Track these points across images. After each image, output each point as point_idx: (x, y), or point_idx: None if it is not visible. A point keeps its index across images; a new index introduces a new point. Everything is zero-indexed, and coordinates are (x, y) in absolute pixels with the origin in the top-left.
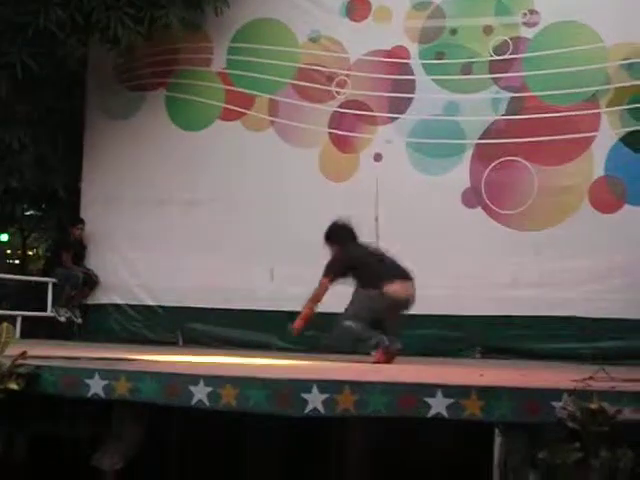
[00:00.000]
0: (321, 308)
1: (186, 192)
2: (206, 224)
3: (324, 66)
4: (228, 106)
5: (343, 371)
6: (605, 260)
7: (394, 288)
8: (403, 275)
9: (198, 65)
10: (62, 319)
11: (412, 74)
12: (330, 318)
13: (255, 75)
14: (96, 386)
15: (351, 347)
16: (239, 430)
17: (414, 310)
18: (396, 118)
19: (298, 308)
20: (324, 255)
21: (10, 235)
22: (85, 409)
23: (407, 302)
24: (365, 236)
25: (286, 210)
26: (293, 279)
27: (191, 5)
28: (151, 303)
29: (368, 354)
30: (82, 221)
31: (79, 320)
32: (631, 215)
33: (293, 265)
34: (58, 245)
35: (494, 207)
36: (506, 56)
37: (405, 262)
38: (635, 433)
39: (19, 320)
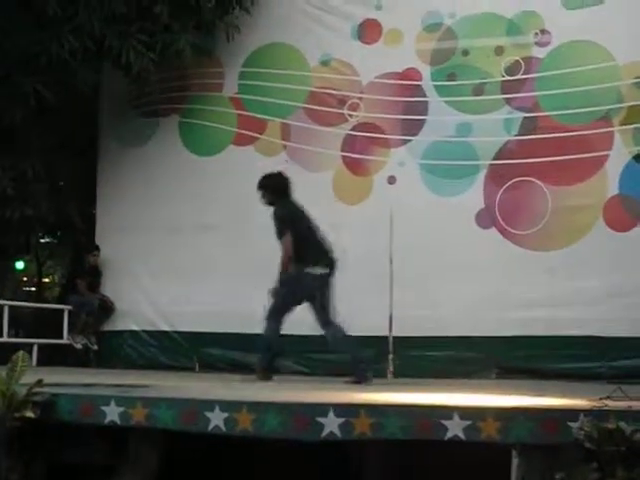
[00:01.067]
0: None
1: (200, 217)
2: (219, 249)
3: (336, 89)
4: (241, 131)
5: (360, 394)
6: (620, 279)
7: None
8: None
9: (210, 90)
10: (78, 346)
11: (424, 96)
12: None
13: (267, 99)
14: (112, 413)
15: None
16: (254, 453)
17: (431, 332)
18: (409, 140)
19: (311, 332)
20: (340, 278)
21: (26, 263)
22: (101, 436)
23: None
24: (379, 258)
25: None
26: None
27: (202, 31)
28: (167, 329)
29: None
30: (97, 247)
31: (95, 347)
32: None
33: None
34: (73, 272)
35: (508, 228)
36: (518, 76)
37: (420, 282)
38: None
39: (35, 348)
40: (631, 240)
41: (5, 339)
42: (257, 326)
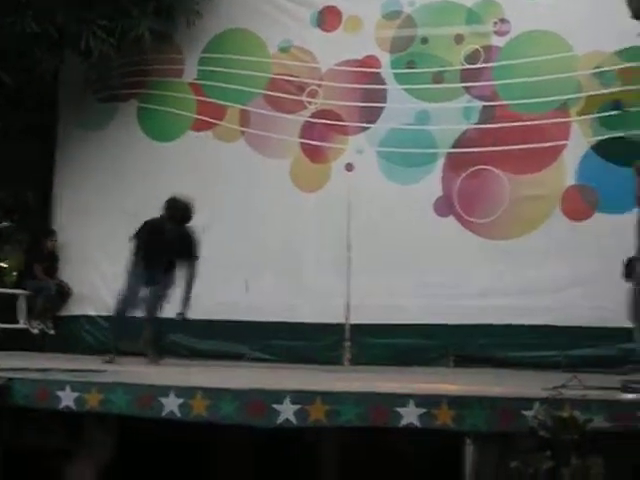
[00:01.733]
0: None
1: (158, 202)
2: None
3: (295, 76)
4: (199, 117)
5: (315, 381)
6: (577, 268)
7: None
8: None
9: (169, 76)
10: (35, 331)
11: (383, 83)
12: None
13: (226, 85)
14: (67, 398)
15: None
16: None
17: (388, 320)
18: (367, 128)
19: (273, 318)
20: (297, 265)
21: None
22: (57, 421)
23: None
24: (337, 246)
25: (258, 221)
26: (268, 289)
27: (162, 16)
28: None
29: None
30: (54, 233)
31: (52, 331)
32: (602, 223)
33: (267, 276)
34: (30, 257)
35: (466, 216)
36: (477, 65)
37: (377, 270)
38: (605, 441)
39: None
40: (588, 229)
41: None
42: (215, 312)
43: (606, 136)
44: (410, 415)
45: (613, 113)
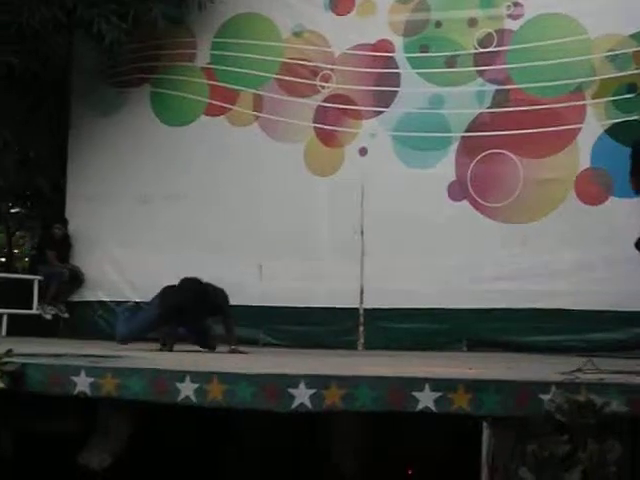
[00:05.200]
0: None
1: (171, 188)
2: (191, 220)
3: (308, 60)
4: (212, 101)
5: (330, 366)
6: (591, 252)
7: None
8: None
9: (182, 60)
10: (48, 316)
11: (397, 67)
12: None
13: (239, 70)
14: (82, 383)
15: None
16: (227, 424)
17: (402, 304)
18: (381, 112)
19: (285, 303)
20: (311, 249)
21: None
22: (72, 406)
23: None
24: (350, 230)
25: (271, 205)
26: (281, 274)
27: (175, 0)
28: (137, 300)
29: None
30: (63, 220)
31: (66, 315)
32: (617, 207)
33: (280, 260)
34: (43, 243)
35: (480, 200)
36: (491, 49)
37: (391, 254)
38: (623, 425)
39: (5, 318)
40: (602, 213)
41: None
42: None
43: (620, 119)
44: (426, 399)
45: (628, 96)
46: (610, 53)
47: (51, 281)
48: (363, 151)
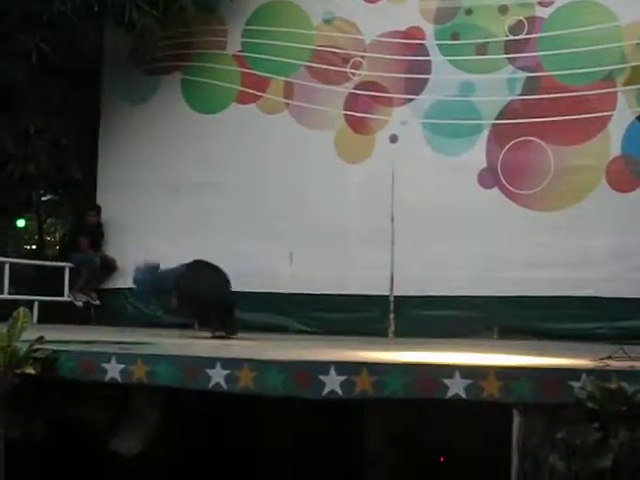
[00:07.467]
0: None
1: (202, 175)
2: (222, 207)
3: (339, 48)
4: (243, 89)
5: (361, 353)
6: (622, 239)
7: None
8: None
9: (213, 48)
10: (79, 304)
11: (427, 55)
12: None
13: (270, 57)
14: (113, 370)
15: None
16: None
17: (433, 292)
18: (412, 99)
19: (317, 291)
20: (342, 237)
21: (27, 221)
22: (103, 393)
23: None
24: (381, 217)
25: (303, 192)
26: (312, 262)
27: None
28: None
29: None
30: (97, 208)
31: (97, 302)
32: None
33: (311, 248)
34: (75, 230)
35: (511, 187)
36: (521, 36)
37: (421, 241)
38: None
39: (36, 305)
40: (634, 201)
41: (6, 296)
42: (260, 285)
43: None
44: (456, 386)
45: None
46: None
47: (83, 268)
48: (394, 138)
